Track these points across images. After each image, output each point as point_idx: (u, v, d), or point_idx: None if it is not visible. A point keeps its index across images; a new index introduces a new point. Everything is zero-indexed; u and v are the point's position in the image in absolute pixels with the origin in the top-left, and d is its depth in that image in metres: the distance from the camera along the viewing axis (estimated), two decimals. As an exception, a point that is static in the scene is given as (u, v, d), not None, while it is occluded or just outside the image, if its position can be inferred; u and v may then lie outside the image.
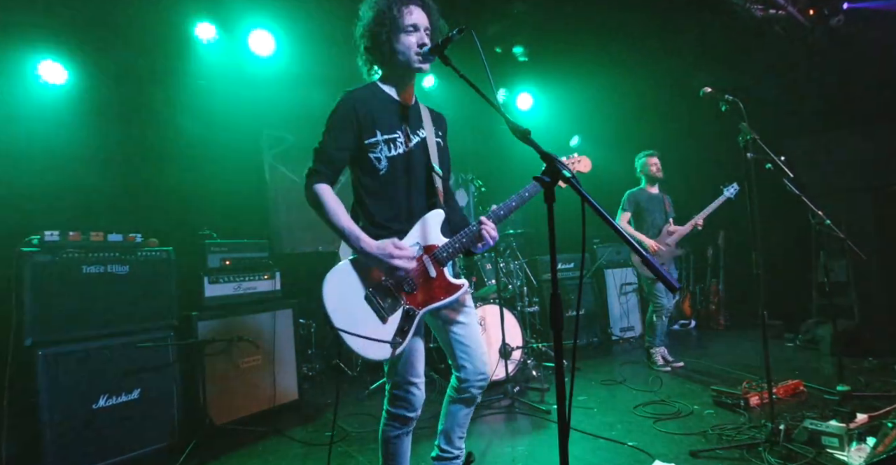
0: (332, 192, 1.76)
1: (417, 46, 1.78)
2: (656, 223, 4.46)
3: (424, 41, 1.79)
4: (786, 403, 3.23)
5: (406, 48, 1.79)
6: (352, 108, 1.78)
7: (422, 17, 1.81)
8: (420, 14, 1.81)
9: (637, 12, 5.02)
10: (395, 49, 1.79)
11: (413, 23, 1.79)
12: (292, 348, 3.67)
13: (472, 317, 1.95)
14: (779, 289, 5.62)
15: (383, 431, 1.88)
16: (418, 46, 1.78)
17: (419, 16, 1.80)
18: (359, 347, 1.66)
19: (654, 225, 4.45)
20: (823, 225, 3.08)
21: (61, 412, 2.50)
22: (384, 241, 1.72)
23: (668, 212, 4.58)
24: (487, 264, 4.22)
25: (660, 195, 4.60)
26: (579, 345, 5.32)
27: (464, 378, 1.90)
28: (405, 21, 1.78)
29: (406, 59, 1.80)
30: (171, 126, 4.02)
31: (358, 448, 2.89)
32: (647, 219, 4.45)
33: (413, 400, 1.83)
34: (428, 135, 1.91)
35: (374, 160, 1.80)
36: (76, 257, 2.68)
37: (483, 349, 1.94)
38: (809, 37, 5.13)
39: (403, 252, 1.71)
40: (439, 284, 1.80)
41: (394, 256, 1.69)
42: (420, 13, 1.81)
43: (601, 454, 2.67)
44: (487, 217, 1.84)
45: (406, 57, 1.80)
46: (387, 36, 1.78)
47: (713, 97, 2.77)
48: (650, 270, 1.16)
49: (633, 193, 4.55)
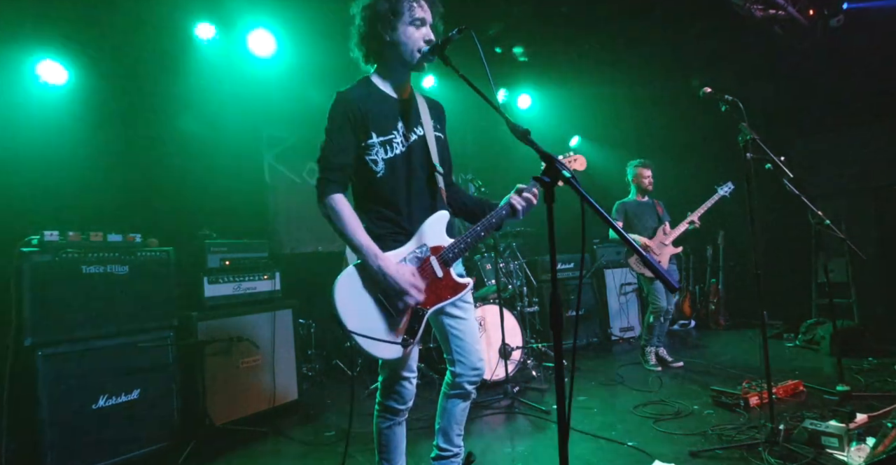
0: (347, 203, 1.74)
1: (423, 41, 1.76)
2: (648, 226, 4.47)
3: (430, 37, 1.77)
4: (785, 403, 3.23)
5: (412, 41, 1.76)
6: (346, 110, 1.76)
7: (428, 14, 1.80)
8: (427, 11, 1.80)
9: (637, 12, 5.02)
10: (399, 41, 1.76)
11: (422, 17, 1.77)
12: (292, 348, 3.67)
13: (470, 312, 1.95)
14: (779, 289, 5.62)
15: (376, 423, 1.91)
16: (424, 42, 1.76)
17: (427, 12, 1.79)
18: (371, 348, 1.67)
19: (647, 228, 4.47)
20: (823, 225, 3.08)
21: (61, 412, 2.49)
22: (402, 265, 1.73)
23: (661, 215, 4.62)
24: (487, 264, 4.22)
25: (650, 201, 4.67)
26: (579, 345, 5.32)
27: (458, 373, 1.91)
28: (417, 13, 1.76)
29: (410, 54, 1.77)
30: (170, 126, 4.01)
31: (358, 448, 2.89)
32: (637, 225, 4.50)
33: (404, 393, 1.85)
34: (427, 131, 1.88)
35: (370, 163, 1.79)
36: (76, 257, 2.68)
37: (479, 345, 1.95)
38: (809, 37, 5.13)
39: (419, 283, 1.72)
40: (446, 283, 1.81)
41: (412, 284, 1.70)
42: (427, 10, 1.80)
43: (601, 454, 2.67)
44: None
45: (409, 50, 1.77)
46: (393, 27, 1.75)
47: (713, 97, 2.77)
48: (649, 269, 1.16)
49: (623, 203, 4.61)
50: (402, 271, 1.70)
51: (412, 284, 1.70)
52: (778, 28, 5.12)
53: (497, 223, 1.84)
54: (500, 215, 1.84)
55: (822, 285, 4.90)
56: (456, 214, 2.03)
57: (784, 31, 5.15)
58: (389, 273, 1.67)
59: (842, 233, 3.17)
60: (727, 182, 4.47)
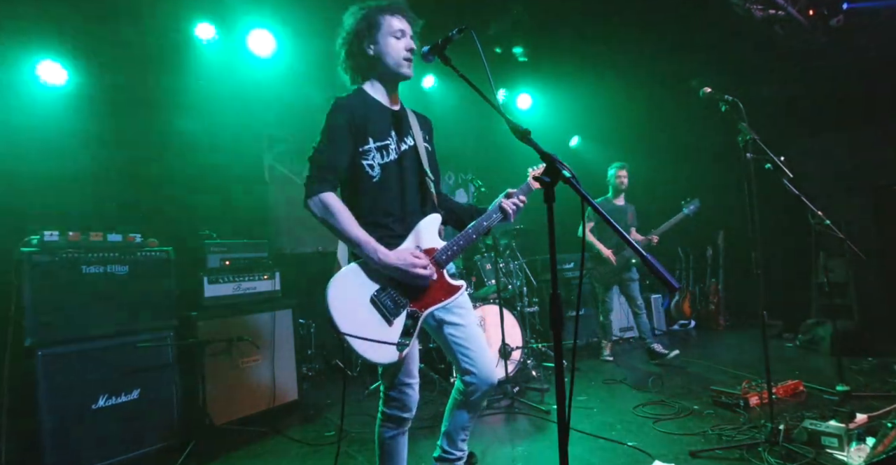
0: (339, 200, 1.74)
1: (406, 51, 1.82)
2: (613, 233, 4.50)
3: (411, 46, 1.83)
4: (785, 403, 3.23)
5: (395, 51, 1.82)
6: (347, 114, 1.78)
7: (406, 26, 1.86)
8: (405, 23, 1.85)
9: (636, 12, 5.02)
10: (383, 53, 1.82)
11: (401, 28, 1.83)
12: (292, 348, 3.67)
13: (469, 318, 1.91)
14: (779, 289, 5.62)
15: (379, 432, 1.88)
16: (406, 51, 1.82)
17: (404, 25, 1.85)
18: (366, 351, 1.65)
19: (612, 234, 4.54)
20: (823, 225, 3.08)
21: (61, 412, 2.50)
22: (401, 251, 1.73)
23: (629, 222, 4.82)
24: (487, 264, 4.22)
25: (624, 207, 4.86)
26: (579, 345, 5.32)
27: (469, 383, 1.85)
28: (395, 25, 1.81)
29: (395, 64, 1.83)
30: (170, 126, 4.01)
31: (357, 448, 2.89)
32: (606, 229, 4.63)
33: (407, 401, 1.83)
34: (417, 140, 1.92)
35: (366, 167, 1.80)
36: (76, 257, 2.68)
37: (487, 353, 1.90)
38: (809, 37, 5.13)
39: (423, 261, 1.73)
40: (440, 286, 1.81)
41: (416, 265, 1.70)
42: (405, 22, 1.85)
43: (601, 454, 2.67)
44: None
45: (395, 61, 1.82)
46: (374, 41, 1.81)
47: (713, 98, 2.77)
48: (649, 269, 1.17)
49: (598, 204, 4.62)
50: (403, 255, 1.71)
51: (417, 264, 1.70)
52: (778, 28, 5.12)
53: (488, 227, 1.87)
54: (490, 219, 1.87)
55: (822, 285, 4.90)
56: (444, 221, 2.03)
57: (784, 31, 5.15)
58: (391, 261, 1.68)
59: (842, 233, 3.17)
60: (694, 200, 4.61)
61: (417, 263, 1.71)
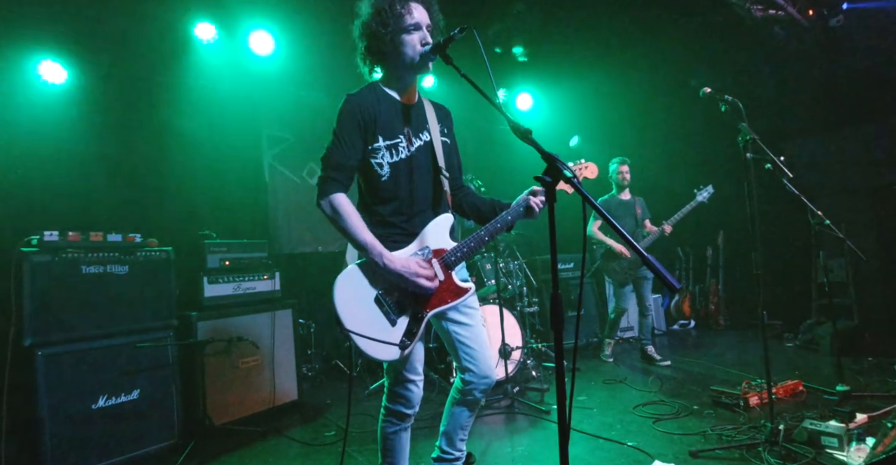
0: (349, 201, 1.73)
1: (420, 45, 1.76)
2: (624, 227, 4.48)
3: (427, 39, 1.77)
4: (785, 403, 3.23)
5: (410, 47, 1.75)
6: (357, 112, 1.75)
7: (423, 14, 1.78)
8: (421, 12, 1.78)
9: (636, 12, 5.02)
10: (397, 49, 1.76)
11: (415, 22, 1.76)
12: (292, 348, 3.67)
13: (477, 319, 1.92)
14: (779, 289, 5.63)
15: (382, 427, 1.89)
16: (421, 45, 1.76)
17: (421, 14, 1.78)
18: (368, 348, 1.66)
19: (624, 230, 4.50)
20: (823, 225, 3.08)
21: (61, 412, 2.49)
22: (408, 258, 1.72)
23: (639, 216, 4.69)
24: (487, 264, 4.22)
25: (631, 200, 4.74)
26: (579, 345, 5.32)
27: (468, 381, 1.87)
28: (407, 20, 1.74)
29: (409, 59, 1.77)
30: (170, 126, 4.01)
31: (357, 448, 2.89)
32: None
33: (411, 397, 1.84)
34: (433, 135, 1.88)
35: (375, 166, 1.79)
36: (75, 257, 2.68)
37: (489, 353, 1.92)
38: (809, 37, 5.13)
39: (427, 271, 1.72)
40: (447, 287, 1.79)
41: (419, 275, 1.69)
42: (421, 11, 1.78)
43: (601, 454, 2.67)
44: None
45: (409, 56, 1.76)
46: (389, 36, 1.74)
47: (713, 97, 2.77)
48: (650, 269, 1.16)
49: (604, 201, 4.70)
50: (408, 263, 1.69)
51: (421, 274, 1.70)
52: (778, 28, 5.12)
53: (511, 223, 1.84)
54: (516, 214, 1.83)
55: (822, 285, 4.90)
56: (467, 217, 2.03)
57: (784, 31, 5.15)
58: (395, 268, 1.67)
59: (841, 233, 3.17)
60: (707, 186, 4.51)
61: (422, 273, 1.70)
